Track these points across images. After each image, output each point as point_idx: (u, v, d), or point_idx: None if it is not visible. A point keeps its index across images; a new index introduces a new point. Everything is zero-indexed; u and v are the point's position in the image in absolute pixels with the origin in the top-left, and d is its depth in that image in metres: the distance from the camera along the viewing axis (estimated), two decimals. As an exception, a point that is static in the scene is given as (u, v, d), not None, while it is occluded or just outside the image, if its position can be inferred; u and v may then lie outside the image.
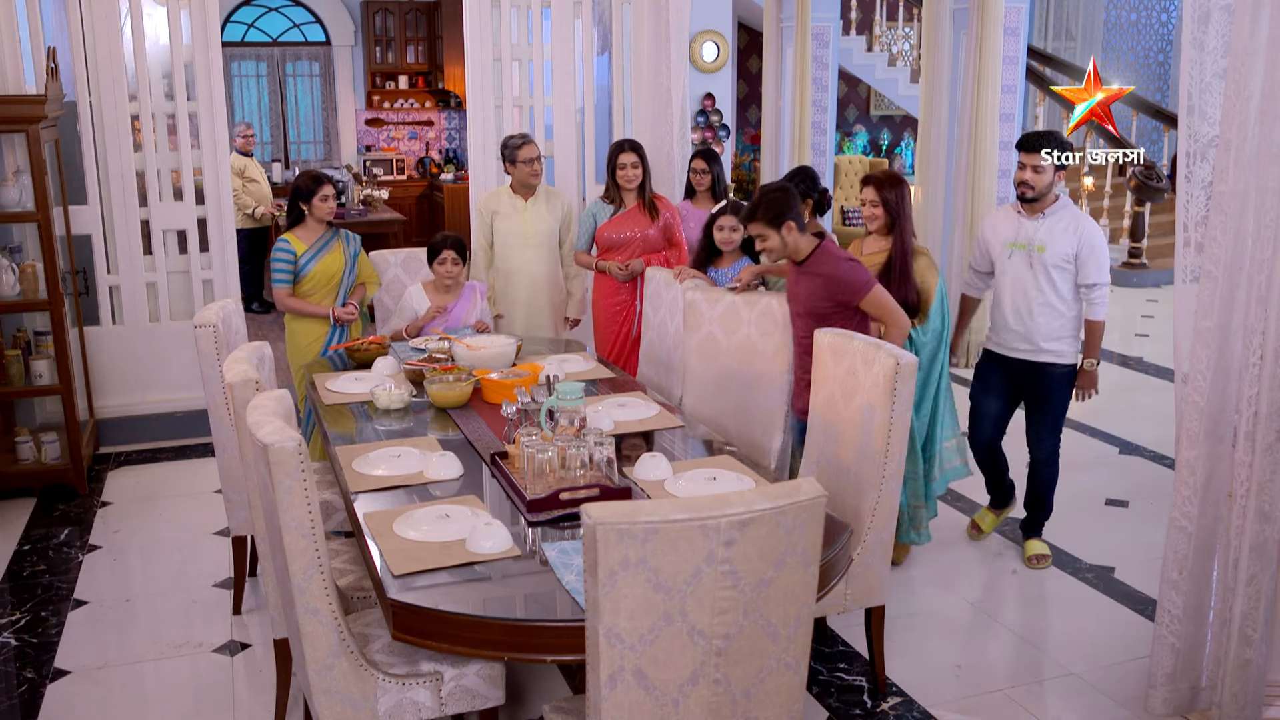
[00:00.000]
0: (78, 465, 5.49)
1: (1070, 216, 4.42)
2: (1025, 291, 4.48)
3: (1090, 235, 4.38)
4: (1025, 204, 4.47)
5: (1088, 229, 4.40)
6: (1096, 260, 4.39)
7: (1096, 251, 4.39)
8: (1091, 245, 4.38)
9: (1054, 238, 4.40)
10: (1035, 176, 4.40)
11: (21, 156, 5.43)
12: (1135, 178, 10.75)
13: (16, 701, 3.71)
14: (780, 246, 4.00)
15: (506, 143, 5.66)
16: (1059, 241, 4.39)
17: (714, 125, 9.05)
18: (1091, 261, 4.38)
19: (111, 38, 5.91)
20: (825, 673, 3.85)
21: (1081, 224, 4.40)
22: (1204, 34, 3.15)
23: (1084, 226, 4.40)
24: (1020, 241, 4.48)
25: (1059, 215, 4.43)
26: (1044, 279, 4.42)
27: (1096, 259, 4.39)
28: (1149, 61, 14.45)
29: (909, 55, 11.83)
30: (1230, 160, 3.08)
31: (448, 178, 12.51)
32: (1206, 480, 3.31)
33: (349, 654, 2.77)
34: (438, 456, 3.48)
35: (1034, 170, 4.39)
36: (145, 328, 6.23)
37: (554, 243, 5.75)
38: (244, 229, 9.03)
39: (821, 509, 2.38)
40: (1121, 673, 3.83)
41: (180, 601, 4.43)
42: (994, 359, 4.71)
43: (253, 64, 12.80)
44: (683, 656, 2.32)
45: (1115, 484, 5.67)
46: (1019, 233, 4.50)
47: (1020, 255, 4.47)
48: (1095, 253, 4.38)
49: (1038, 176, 4.40)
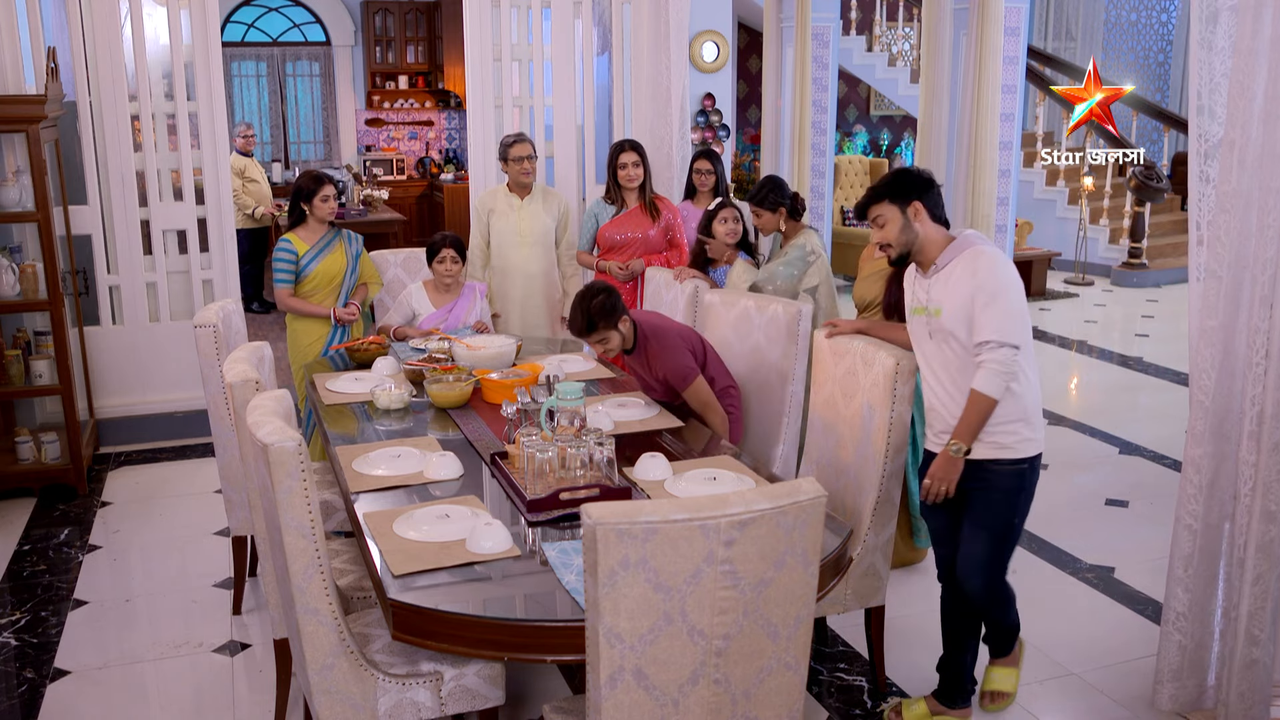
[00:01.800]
0: (78, 465, 5.49)
1: (967, 262, 3.21)
2: (933, 368, 3.36)
3: (985, 279, 3.16)
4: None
5: (984, 270, 3.17)
6: (992, 311, 3.14)
7: (994, 300, 3.15)
8: (986, 290, 3.16)
9: (948, 294, 3.25)
10: (883, 233, 3.32)
11: (21, 156, 5.43)
12: (1135, 178, 10.76)
13: (16, 701, 3.71)
14: (620, 342, 4.04)
15: (502, 140, 5.70)
16: (954, 297, 3.23)
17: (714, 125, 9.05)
18: (986, 312, 3.15)
19: (111, 38, 5.91)
20: (825, 673, 3.85)
21: (978, 266, 3.19)
22: (1212, 34, 3.15)
23: (980, 268, 3.18)
24: (919, 304, 3.39)
25: (955, 264, 3.24)
26: (949, 349, 3.29)
27: (992, 310, 3.14)
28: (1149, 61, 14.45)
29: (909, 55, 11.84)
30: (1234, 160, 3.08)
31: (448, 178, 12.51)
32: (1212, 479, 3.32)
33: (349, 654, 2.77)
34: (438, 456, 3.48)
35: (878, 227, 3.34)
36: (145, 328, 6.23)
37: (550, 242, 5.76)
38: (244, 229, 9.03)
39: (821, 509, 2.38)
40: (1122, 673, 3.83)
41: (180, 601, 4.43)
42: (930, 458, 3.45)
43: (253, 64, 12.80)
44: (683, 656, 2.32)
45: (1115, 484, 5.67)
46: (916, 292, 3.42)
47: (920, 321, 3.38)
48: (993, 301, 3.14)
49: (886, 232, 3.31)
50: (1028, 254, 10.65)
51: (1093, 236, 11.63)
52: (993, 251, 3.23)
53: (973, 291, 3.17)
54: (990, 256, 3.20)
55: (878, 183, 3.35)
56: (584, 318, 3.95)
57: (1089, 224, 11.56)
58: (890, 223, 3.28)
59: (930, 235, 3.28)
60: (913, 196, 3.26)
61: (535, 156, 5.65)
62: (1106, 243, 11.67)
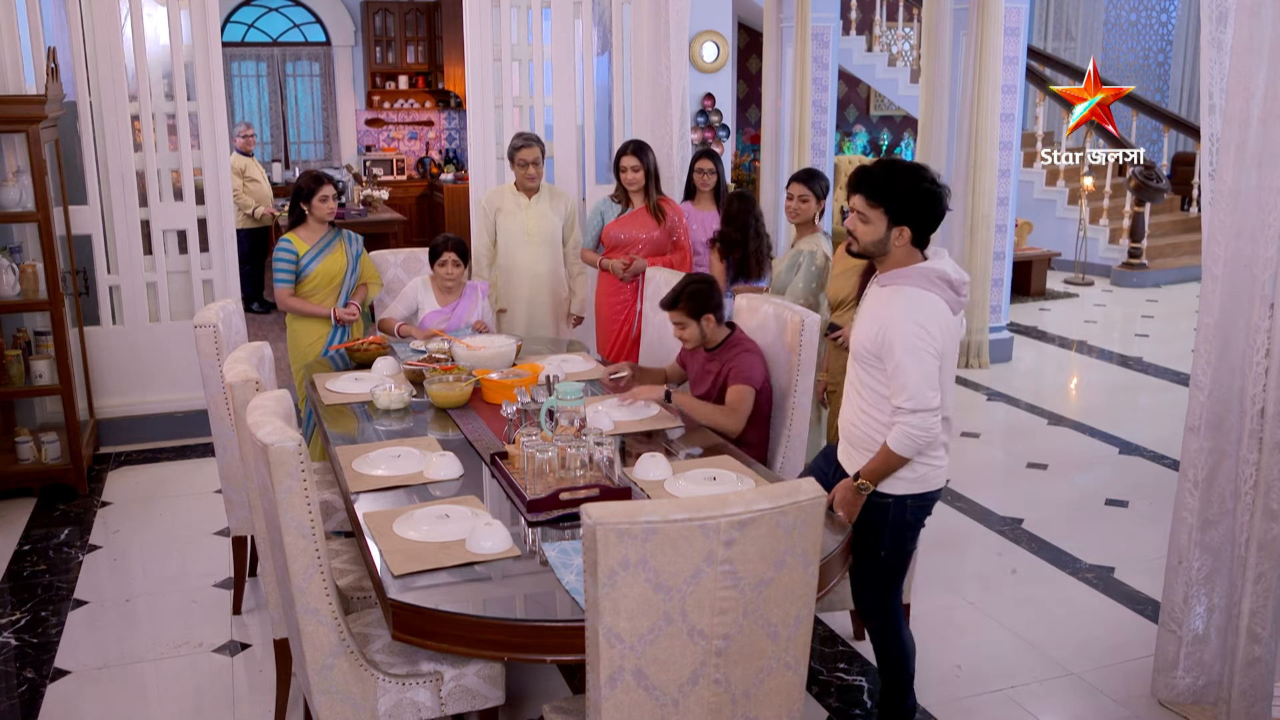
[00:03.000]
0: (78, 465, 5.49)
1: (888, 297, 3.08)
2: (851, 381, 3.28)
3: (893, 330, 3.00)
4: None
5: (895, 319, 3.01)
6: (905, 376, 2.99)
7: (904, 361, 2.99)
8: (893, 345, 3.00)
9: (861, 318, 3.17)
10: (860, 229, 3.14)
11: (22, 156, 5.43)
12: (1135, 178, 10.76)
13: (17, 701, 3.71)
14: (695, 336, 4.10)
15: (512, 140, 5.71)
16: (864, 323, 3.13)
17: (714, 125, 9.05)
18: (898, 376, 3.01)
19: (112, 38, 5.91)
20: (825, 673, 3.85)
21: (890, 313, 3.03)
22: (1222, 34, 3.16)
23: (892, 315, 3.03)
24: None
25: (885, 291, 3.11)
26: (858, 370, 3.22)
27: (905, 374, 2.99)
28: (1149, 62, 14.46)
29: (909, 55, 11.84)
30: (1231, 160, 3.09)
31: (448, 178, 12.51)
32: (1210, 475, 3.33)
33: (349, 654, 2.77)
34: (438, 457, 3.48)
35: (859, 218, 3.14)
36: (145, 328, 6.23)
37: (556, 241, 5.76)
38: (244, 229, 9.03)
39: (821, 509, 2.38)
40: (1122, 672, 3.83)
41: (180, 601, 4.43)
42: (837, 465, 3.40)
43: (253, 64, 12.80)
44: (683, 656, 2.32)
45: (1115, 484, 5.67)
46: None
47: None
48: (903, 362, 2.99)
49: (861, 230, 3.13)
50: (1027, 254, 10.64)
51: (1092, 236, 11.63)
52: (917, 298, 3.04)
53: (878, 333, 3.05)
54: (908, 305, 3.02)
55: (891, 176, 3.06)
56: (674, 294, 4.10)
57: (1089, 224, 11.56)
58: (872, 227, 3.09)
59: (897, 257, 3.11)
60: (910, 223, 3.06)
61: (541, 161, 5.64)
62: (1106, 243, 11.67)
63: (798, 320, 4.06)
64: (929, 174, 3.08)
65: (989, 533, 5.04)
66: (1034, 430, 6.62)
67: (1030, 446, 6.30)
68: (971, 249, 7.62)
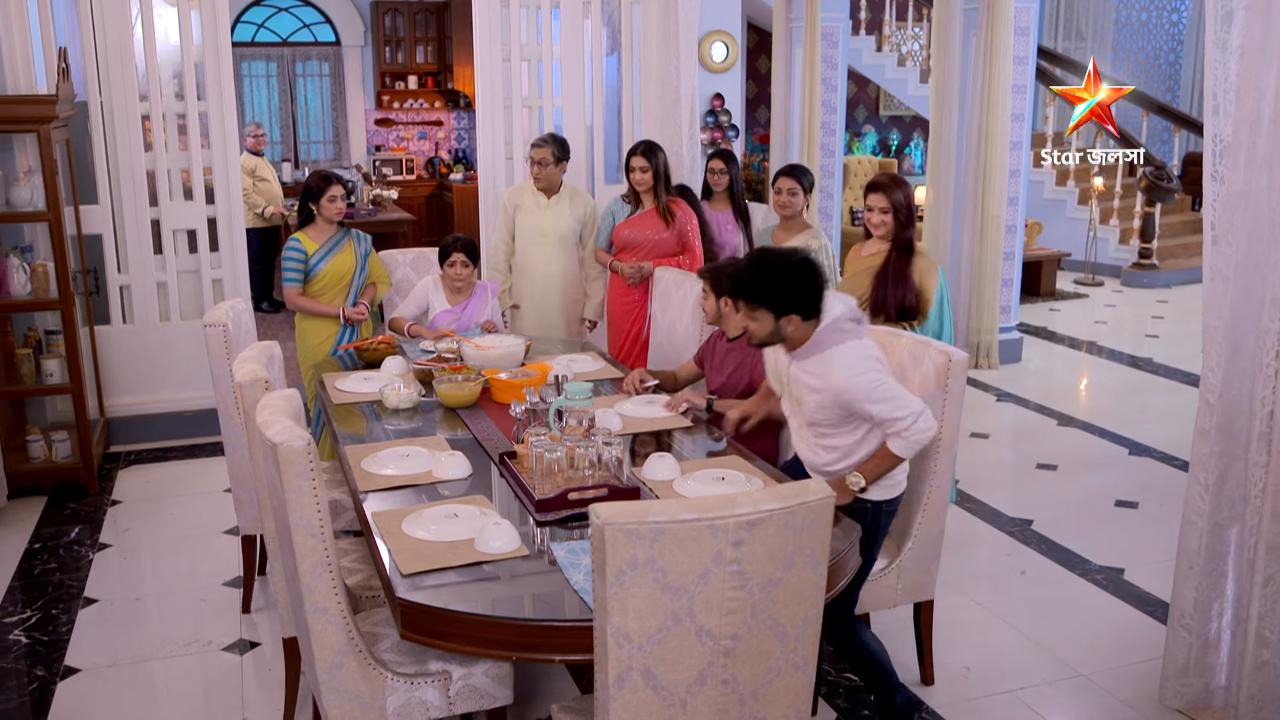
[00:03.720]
0: (88, 464, 5.51)
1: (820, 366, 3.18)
2: (800, 431, 3.41)
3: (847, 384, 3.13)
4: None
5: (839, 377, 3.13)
6: (883, 404, 3.13)
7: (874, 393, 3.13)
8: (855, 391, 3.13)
9: (806, 391, 3.25)
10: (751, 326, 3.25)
11: (33, 156, 5.45)
12: (1145, 178, 10.73)
13: (27, 699, 3.73)
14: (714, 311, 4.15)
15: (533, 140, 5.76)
16: (812, 395, 3.23)
17: (723, 125, 9.05)
18: (877, 406, 3.14)
19: (122, 38, 5.93)
20: (834, 673, 3.84)
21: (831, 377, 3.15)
22: (1227, 34, 3.14)
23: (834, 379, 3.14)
24: (781, 382, 3.41)
25: (811, 362, 3.21)
26: (811, 429, 3.34)
27: (881, 403, 3.13)
28: (1159, 61, 14.41)
29: (918, 55, 11.81)
30: (1242, 160, 3.07)
31: (457, 178, 12.53)
32: (1220, 478, 3.31)
33: (357, 653, 2.77)
34: (446, 456, 3.48)
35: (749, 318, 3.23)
36: (155, 327, 6.25)
37: (572, 242, 5.75)
38: (254, 228, 9.05)
39: (830, 509, 2.37)
40: (1131, 674, 3.82)
41: (190, 600, 4.44)
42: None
43: (263, 64, 12.83)
44: (691, 657, 2.32)
45: (1125, 485, 5.65)
46: (778, 367, 3.42)
47: (787, 398, 3.41)
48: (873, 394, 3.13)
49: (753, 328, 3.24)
50: (1037, 254, 10.62)
51: (1103, 237, 11.60)
52: (843, 354, 3.15)
53: (833, 401, 3.16)
54: (843, 365, 3.13)
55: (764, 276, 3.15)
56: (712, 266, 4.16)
57: (1099, 224, 11.53)
58: (762, 323, 3.20)
59: (795, 334, 3.21)
60: (792, 311, 3.15)
61: (551, 162, 5.62)
62: (1116, 243, 11.63)
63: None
64: (798, 254, 3.21)
65: (998, 534, 5.03)
66: (1044, 431, 6.60)
67: (1040, 447, 6.29)
68: (981, 249, 7.60)
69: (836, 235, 10.09)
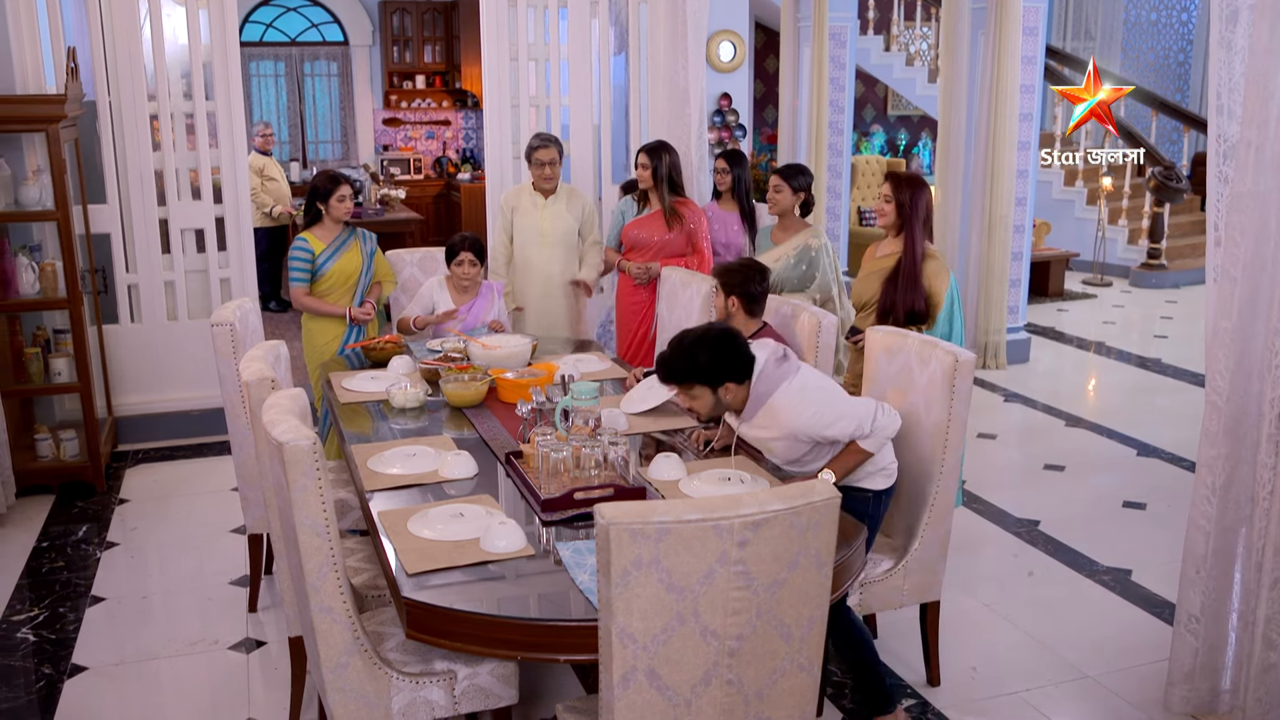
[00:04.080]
0: (96, 462, 5.52)
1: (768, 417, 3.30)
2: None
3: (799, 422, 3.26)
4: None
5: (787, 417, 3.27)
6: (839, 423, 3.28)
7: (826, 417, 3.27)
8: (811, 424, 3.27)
9: (769, 440, 3.38)
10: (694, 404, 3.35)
11: (41, 156, 5.47)
12: (1154, 178, 10.70)
13: (35, 697, 3.73)
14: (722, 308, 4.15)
15: (531, 140, 5.71)
16: (777, 442, 3.37)
17: (730, 125, 9.03)
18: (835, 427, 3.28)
19: (131, 38, 5.94)
20: (839, 674, 3.84)
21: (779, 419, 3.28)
22: (1232, 34, 3.13)
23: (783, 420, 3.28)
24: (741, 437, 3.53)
25: (759, 417, 3.32)
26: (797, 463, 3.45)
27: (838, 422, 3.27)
28: (1169, 61, 14.36)
29: (927, 55, 11.78)
30: (1251, 161, 3.06)
31: (465, 177, 12.54)
32: (1227, 481, 3.29)
33: (363, 652, 2.78)
34: (452, 456, 3.49)
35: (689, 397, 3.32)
36: (163, 326, 6.26)
37: (572, 242, 5.75)
38: (262, 228, 9.07)
39: (835, 510, 2.37)
40: (1138, 676, 3.81)
41: (196, 599, 4.45)
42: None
43: (271, 64, 12.85)
44: (695, 657, 2.32)
45: (1132, 486, 5.63)
46: (734, 426, 3.51)
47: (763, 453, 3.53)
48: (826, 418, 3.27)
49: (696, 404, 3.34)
50: (1045, 254, 10.59)
51: (1111, 237, 11.57)
52: (781, 399, 3.26)
53: (792, 436, 3.30)
54: (791, 405, 3.25)
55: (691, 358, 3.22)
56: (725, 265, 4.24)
57: (1108, 224, 11.50)
58: (701, 399, 3.28)
59: (735, 399, 3.30)
60: (726, 379, 3.24)
61: (559, 162, 5.63)
62: (1125, 243, 11.60)
63: (814, 322, 4.06)
64: (714, 329, 3.30)
65: (1005, 534, 5.02)
66: (1051, 431, 6.59)
67: (1047, 448, 6.27)
68: (989, 249, 7.59)
69: (844, 235, 10.08)
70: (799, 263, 5.12)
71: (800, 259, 5.13)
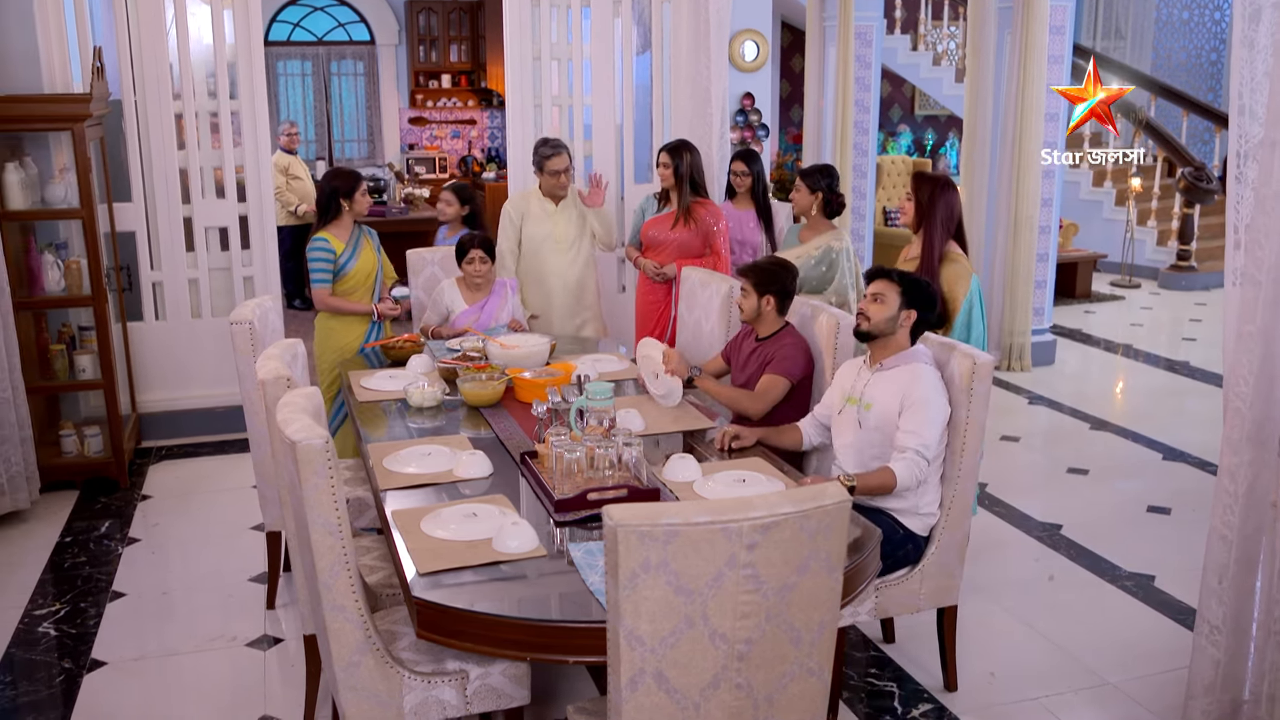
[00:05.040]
0: (119, 459, 5.56)
1: (907, 374, 3.51)
2: (848, 453, 3.65)
3: (917, 391, 3.45)
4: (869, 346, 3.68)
5: (918, 386, 3.46)
6: (921, 420, 3.43)
7: (923, 409, 3.43)
8: (915, 400, 3.44)
9: (881, 394, 3.54)
10: (875, 306, 3.59)
11: (68, 154, 5.51)
12: (1184, 179, 10.58)
13: (56, 691, 3.77)
14: (751, 311, 4.16)
15: (537, 148, 5.57)
16: (886, 398, 3.52)
17: (753, 125, 9.01)
18: (915, 419, 3.43)
19: (157, 38, 5.99)
20: (856, 678, 3.81)
21: (914, 380, 3.48)
22: (1255, 32, 3.08)
23: (914, 384, 3.48)
24: (853, 395, 3.66)
25: (898, 371, 3.54)
26: (869, 440, 3.58)
27: (921, 419, 3.43)
28: (1201, 61, 14.20)
29: (954, 54, 11.70)
30: (1275, 162, 3.01)
31: (490, 176, 12.55)
32: (1249, 488, 3.24)
33: (375, 651, 2.78)
34: (467, 455, 3.49)
35: (874, 300, 3.60)
36: (187, 323, 6.30)
37: (586, 243, 5.68)
38: (287, 226, 9.11)
39: (846, 513, 2.35)
40: (1159, 683, 3.76)
41: (216, 595, 4.47)
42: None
43: (298, 63, 12.93)
44: (704, 660, 2.30)
45: (1157, 490, 5.57)
46: (855, 383, 3.69)
47: (851, 411, 3.64)
48: (922, 410, 3.43)
49: (877, 308, 3.58)
50: (1073, 255, 10.50)
51: (1140, 238, 11.45)
52: (932, 372, 3.52)
53: (902, 399, 3.47)
54: (929, 376, 3.49)
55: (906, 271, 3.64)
56: (754, 263, 4.26)
57: (1136, 225, 11.38)
58: (887, 306, 3.55)
59: (899, 340, 3.58)
60: (917, 308, 3.55)
61: (572, 167, 5.53)
62: (1154, 244, 11.48)
63: (833, 322, 4.03)
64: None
65: (1027, 538, 4.98)
66: (1076, 435, 6.52)
67: (1072, 451, 6.21)
68: (1014, 250, 7.53)
69: (869, 235, 10.02)
70: (820, 263, 5.10)
71: (822, 259, 5.10)
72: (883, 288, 3.58)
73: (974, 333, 4.31)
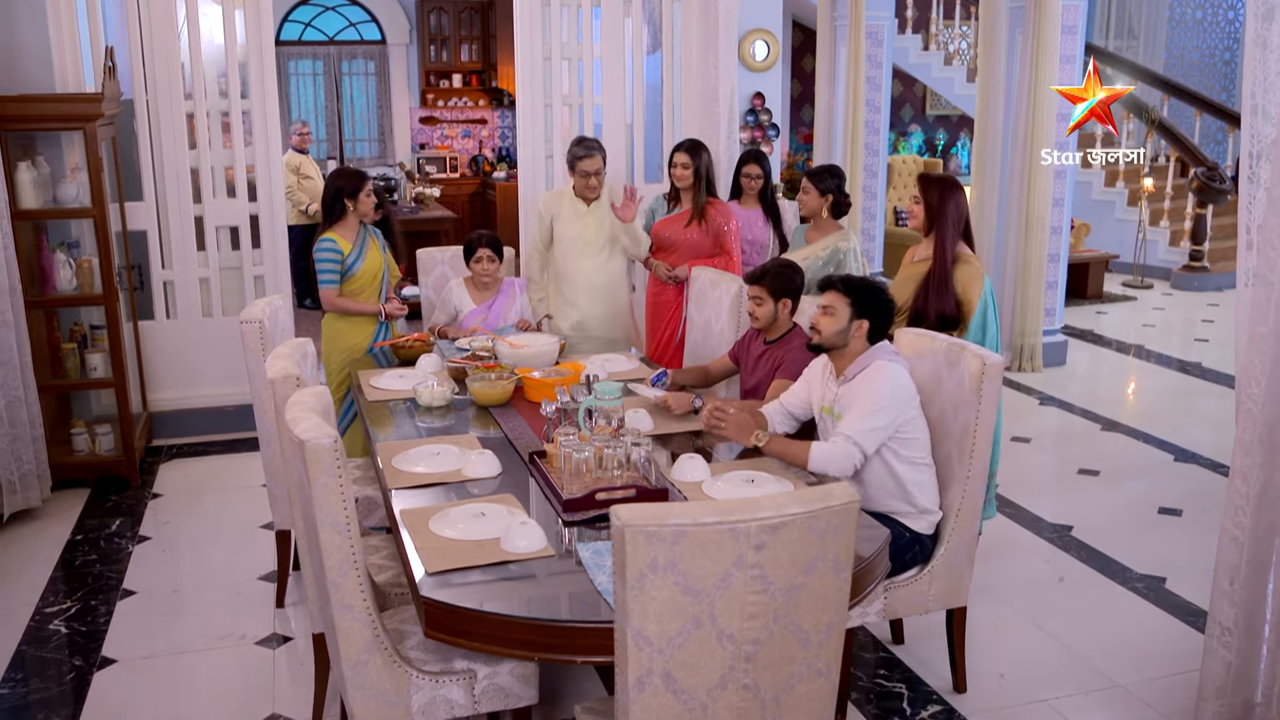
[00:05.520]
0: (130, 457, 5.58)
1: (869, 375, 3.46)
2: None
3: (870, 386, 3.42)
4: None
5: (873, 380, 3.43)
6: (862, 413, 3.38)
7: (867, 405, 3.39)
8: (867, 394, 3.41)
9: (850, 403, 3.47)
10: (824, 320, 3.54)
11: (79, 154, 5.53)
12: (1197, 179, 10.54)
13: (67, 688, 3.78)
14: (767, 316, 4.14)
15: (571, 148, 5.45)
16: (852, 406, 3.47)
17: (763, 124, 9.00)
18: (856, 409, 3.40)
19: (168, 37, 6.01)
20: (865, 678, 3.81)
21: (872, 379, 3.44)
22: (1268, 31, 3.06)
23: (871, 382, 3.43)
24: (826, 404, 3.61)
25: (859, 377, 3.48)
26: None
27: (863, 412, 3.38)
28: (1214, 60, 14.14)
29: (966, 54, 11.68)
30: (1288, 162, 2.99)
31: (500, 176, 12.57)
32: (1261, 489, 3.22)
33: (383, 650, 2.78)
34: (476, 454, 3.49)
35: (825, 313, 3.54)
36: (198, 322, 6.32)
37: (617, 248, 5.52)
38: (297, 225, 9.13)
39: (855, 514, 2.34)
40: (1170, 685, 3.74)
41: (226, 593, 4.48)
42: None
43: (309, 62, 12.95)
44: (711, 660, 2.30)
45: (1169, 492, 5.54)
46: (825, 393, 3.64)
47: (828, 420, 3.59)
48: (867, 405, 3.39)
49: (825, 322, 3.53)
50: (1084, 256, 10.46)
51: (1152, 239, 11.41)
52: (892, 366, 3.46)
53: (861, 394, 3.42)
54: (885, 370, 3.44)
55: (852, 277, 3.59)
56: (762, 269, 4.23)
57: (1149, 226, 11.34)
58: (837, 319, 3.50)
59: (854, 349, 3.53)
60: (868, 318, 3.49)
61: (604, 170, 5.40)
62: (1167, 245, 11.44)
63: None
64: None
65: (1038, 540, 4.96)
66: (1087, 435, 6.50)
67: (1083, 452, 6.19)
68: (1026, 250, 7.51)
69: (879, 235, 10.01)
70: (827, 264, 5.08)
71: (829, 260, 5.09)
72: (831, 299, 3.52)
73: (989, 334, 4.28)
